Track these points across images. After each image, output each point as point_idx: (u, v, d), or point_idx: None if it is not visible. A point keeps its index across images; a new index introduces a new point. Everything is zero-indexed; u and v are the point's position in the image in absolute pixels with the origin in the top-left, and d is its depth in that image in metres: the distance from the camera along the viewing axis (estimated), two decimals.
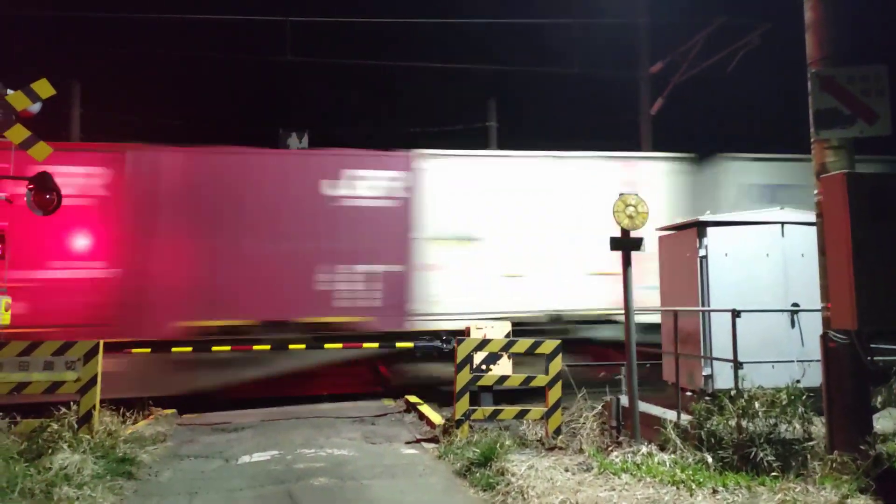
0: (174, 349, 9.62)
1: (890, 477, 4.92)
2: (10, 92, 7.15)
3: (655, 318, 8.65)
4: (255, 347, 10.03)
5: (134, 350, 9.54)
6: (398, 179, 10.95)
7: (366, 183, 10.84)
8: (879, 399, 5.68)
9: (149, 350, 9.60)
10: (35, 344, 7.13)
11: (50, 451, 6.16)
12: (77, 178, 9.85)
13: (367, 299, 10.58)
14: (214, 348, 9.78)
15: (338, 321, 10.42)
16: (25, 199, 7.66)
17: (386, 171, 10.95)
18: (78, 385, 7.10)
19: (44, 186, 7.66)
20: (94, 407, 7.06)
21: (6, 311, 7.71)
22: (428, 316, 10.72)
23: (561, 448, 6.71)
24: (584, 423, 7.11)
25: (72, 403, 7.08)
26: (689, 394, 7.05)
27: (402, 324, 10.64)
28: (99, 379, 7.16)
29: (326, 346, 10.27)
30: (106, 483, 5.67)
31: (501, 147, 16.43)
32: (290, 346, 10.13)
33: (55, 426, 6.74)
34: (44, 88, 7.26)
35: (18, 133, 7.18)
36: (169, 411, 9.53)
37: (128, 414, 8.11)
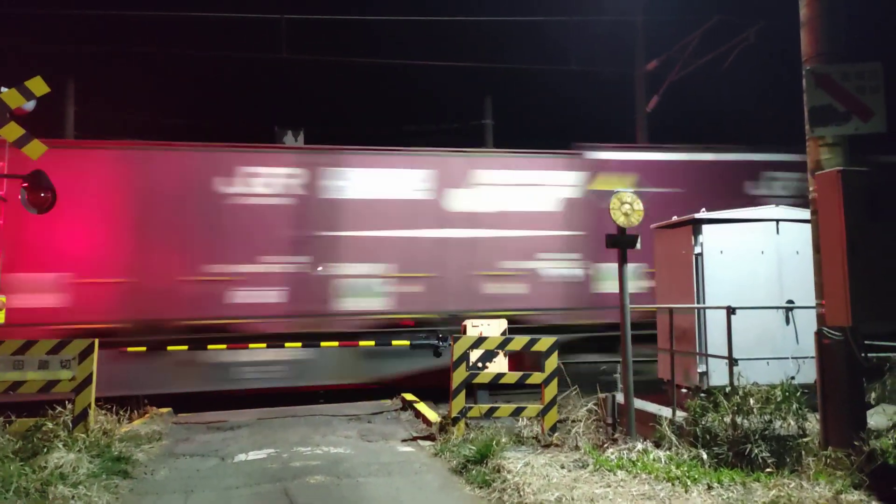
0: None
1: (884, 473, 4.95)
2: (3, 90, 7.12)
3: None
4: (251, 346, 10.02)
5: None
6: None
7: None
8: (873, 395, 5.71)
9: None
10: (30, 343, 7.11)
11: (45, 449, 6.14)
12: None
13: None
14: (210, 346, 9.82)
15: None
16: (20, 197, 7.64)
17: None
18: (73, 384, 7.09)
19: (38, 185, 7.63)
20: (89, 405, 7.05)
21: (0, 309, 7.70)
22: None
23: (557, 445, 6.72)
24: (579, 421, 7.12)
25: (67, 402, 7.07)
26: (684, 391, 7.06)
27: None
28: (94, 378, 7.14)
29: (323, 344, 10.27)
30: (101, 482, 5.66)
31: (497, 146, 16.42)
32: (287, 345, 10.12)
33: (50, 425, 6.72)
34: (38, 86, 7.23)
35: (12, 131, 7.16)
36: (164, 410, 9.51)
37: (123, 412, 8.09)
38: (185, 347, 9.64)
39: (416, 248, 10.80)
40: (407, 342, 10.63)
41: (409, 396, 10.28)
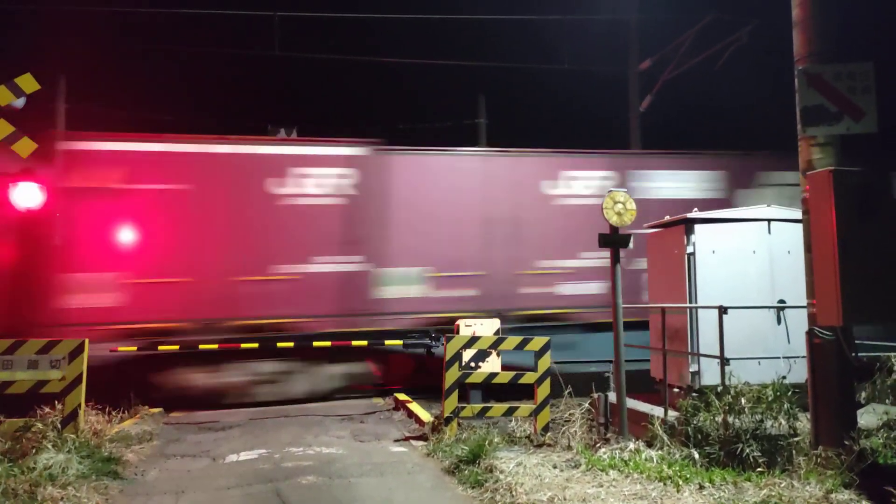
0: None
1: (873, 472, 4.97)
2: None
3: None
4: (243, 346, 9.99)
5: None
6: None
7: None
8: (864, 395, 5.73)
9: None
10: (18, 342, 7.05)
11: (34, 450, 6.11)
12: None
13: None
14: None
15: None
16: (7, 194, 7.57)
17: None
18: (63, 384, 7.02)
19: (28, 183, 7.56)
20: (79, 406, 6.99)
21: None
22: None
23: (549, 445, 6.72)
24: (572, 420, 7.12)
25: (56, 402, 7.01)
26: (676, 390, 7.08)
27: None
28: (84, 378, 7.09)
29: (315, 343, 10.25)
30: (91, 483, 5.62)
31: (491, 145, 16.41)
32: (279, 345, 10.10)
33: (40, 425, 6.67)
34: (28, 83, 7.16)
35: (2, 129, 7.08)
36: (155, 410, 9.46)
37: (114, 413, 8.04)
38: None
39: None
40: (400, 342, 10.64)
41: (401, 396, 10.27)
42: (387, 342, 10.52)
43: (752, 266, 7.08)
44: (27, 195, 9.45)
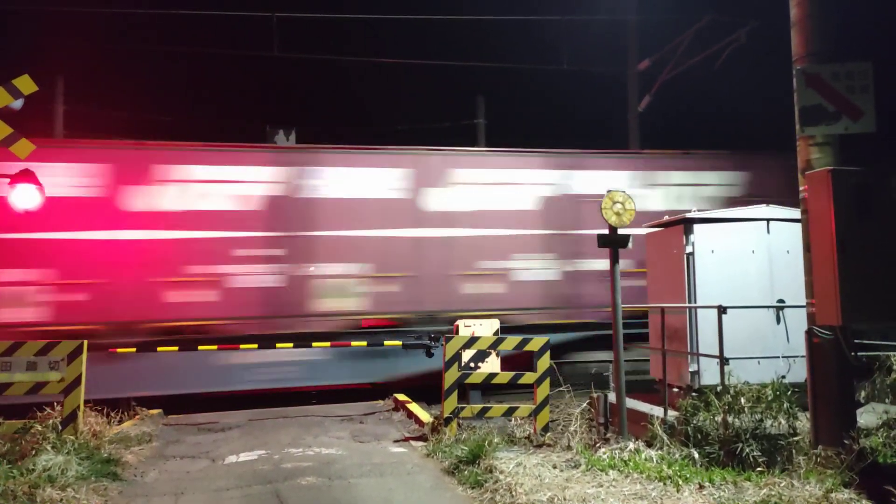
0: None
1: (873, 471, 4.97)
2: None
3: None
4: (242, 347, 9.98)
5: None
6: None
7: None
8: (863, 394, 5.73)
9: None
10: (17, 344, 7.04)
11: (33, 452, 6.09)
12: None
13: None
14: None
15: None
16: (7, 194, 7.55)
17: None
18: (62, 385, 7.02)
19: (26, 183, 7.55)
20: (78, 407, 6.98)
21: None
22: None
23: (549, 445, 6.72)
24: (572, 420, 7.12)
25: (55, 404, 7.00)
26: (675, 390, 7.08)
27: None
28: (83, 379, 7.08)
29: (315, 344, 10.24)
30: (90, 484, 5.62)
31: (490, 145, 16.41)
32: (278, 346, 10.08)
33: (39, 427, 6.66)
34: (26, 84, 7.14)
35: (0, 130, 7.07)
36: (155, 411, 9.44)
37: (113, 414, 8.03)
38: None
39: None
40: (399, 342, 10.62)
41: (401, 397, 10.26)
42: (386, 343, 10.50)
43: (751, 266, 7.09)
44: None
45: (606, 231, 6.74)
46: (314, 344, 10.17)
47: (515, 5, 22.44)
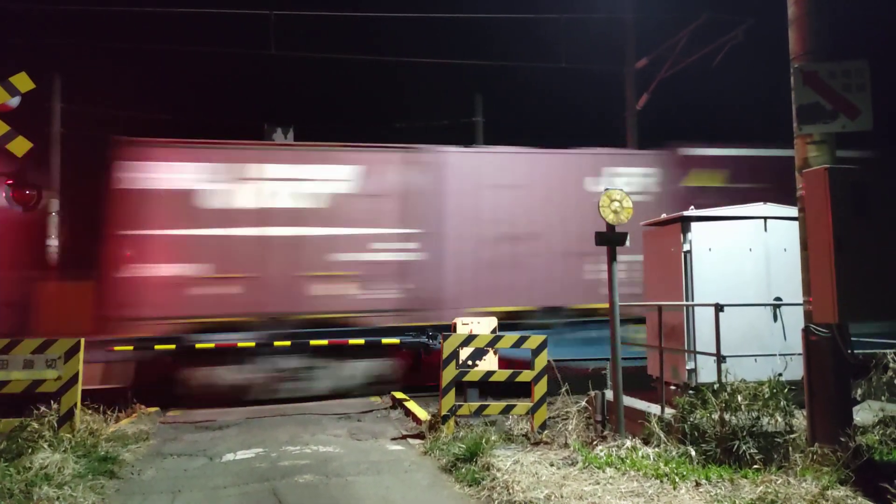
0: None
1: (869, 468, 4.98)
2: None
3: None
4: (240, 345, 9.98)
5: None
6: None
7: None
8: (860, 392, 5.73)
9: None
10: (14, 342, 7.03)
11: (30, 450, 6.08)
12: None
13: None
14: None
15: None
16: (4, 195, 7.54)
17: None
18: (59, 383, 7.00)
19: (24, 183, 7.54)
20: (75, 405, 6.97)
21: None
22: None
23: (546, 443, 6.73)
24: (569, 418, 7.13)
25: (52, 402, 6.99)
26: (673, 388, 7.09)
27: None
28: (80, 377, 7.07)
29: (312, 342, 10.24)
30: (87, 482, 5.61)
31: (488, 143, 16.40)
32: (276, 343, 10.09)
33: (35, 425, 6.65)
34: (23, 82, 7.13)
35: None
36: (152, 409, 9.44)
37: (110, 412, 8.02)
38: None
39: None
40: (397, 340, 10.63)
41: (399, 394, 10.27)
42: (384, 340, 10.52)
43: (748, 264, 7.10)
44: None
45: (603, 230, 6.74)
46: (312, 342, 10.16)
47: (514, 4, 22.45)
